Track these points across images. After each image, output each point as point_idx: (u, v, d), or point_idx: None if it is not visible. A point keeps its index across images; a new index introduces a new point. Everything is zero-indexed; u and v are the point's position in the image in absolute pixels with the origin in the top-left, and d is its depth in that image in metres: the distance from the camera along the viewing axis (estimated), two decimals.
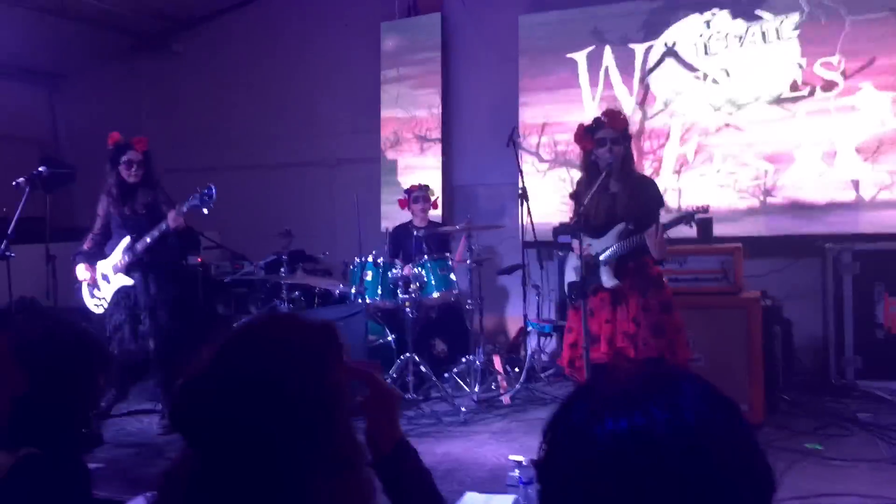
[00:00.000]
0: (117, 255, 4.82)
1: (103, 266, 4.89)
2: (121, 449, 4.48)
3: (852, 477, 3.62)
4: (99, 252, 4.91)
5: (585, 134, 4.11)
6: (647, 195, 4.08)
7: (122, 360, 4.74)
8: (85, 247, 4.96)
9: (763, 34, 5.94)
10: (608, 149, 3.99)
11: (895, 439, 4.12)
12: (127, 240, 4.78)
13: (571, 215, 4.32)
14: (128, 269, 4.79)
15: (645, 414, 0.75)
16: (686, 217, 3.93)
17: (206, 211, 4.63)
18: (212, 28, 8.01)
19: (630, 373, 0.83)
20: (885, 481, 3.54)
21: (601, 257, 4.02)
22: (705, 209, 3.97)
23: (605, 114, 4.15)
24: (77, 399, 1.72)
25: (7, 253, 4.31)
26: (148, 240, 4.68)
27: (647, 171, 5.97)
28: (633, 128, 5.70)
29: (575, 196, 4.27)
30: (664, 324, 3.94)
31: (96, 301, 4.95)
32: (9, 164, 7.55)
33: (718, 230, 5.29)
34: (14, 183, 4.52)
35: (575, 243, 4.11)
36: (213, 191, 4.56)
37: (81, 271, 4.90)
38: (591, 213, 4.03)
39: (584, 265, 3.97)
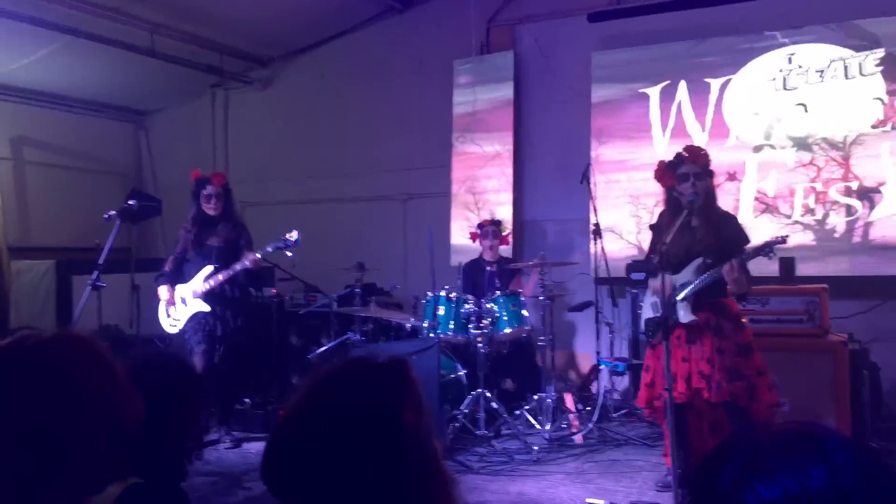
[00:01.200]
0: (198, 282, 5.18)
1: (182, 289, 5.25)
2: (198, 477, 4.57)
3: None
4: (178, 275, 5.30)
5: (666, 171, 4.07)
6: (729, 231, 3.98)
7: None
8: (167, 268, 5.35)
9: (846, 69, 5.81)
10: (691, 184, 3.93)
11: None
12: (210, 268, 5.13)
13: (649, 251, 4.27)
14: (206, 297, 5.13)
15: (798, 482, 0.72)
16: (763, 248, 3.71)
17: (289, 254, 5.05)
18: (290, 67, 8.30)
19: (774, 432, 0.80)
20: None
21: (679, 295, 3.93)
22: (783, 240, 3.79)
23: (686, 149, 4.10)
24: (182, 429, 1.78)
25: (98, 283, 4.49)
26: (230, 272, 5.06)
27: (724, 207, 5.85)
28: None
29: (656, 228, 4.21)
30: (740, 367, 3.81)
31: (171, 321, 5.31)
32: (94, 196, 7.92)
33: (801, 269, 5.14)
34: (106, 216, 4.72)
35: (657, 280, 4.02)
36: (298, 238, 4.94)
37: (163, 292, 5.27)
38: (671, 250, 3.96)
39: (666, 303, 3.89)
